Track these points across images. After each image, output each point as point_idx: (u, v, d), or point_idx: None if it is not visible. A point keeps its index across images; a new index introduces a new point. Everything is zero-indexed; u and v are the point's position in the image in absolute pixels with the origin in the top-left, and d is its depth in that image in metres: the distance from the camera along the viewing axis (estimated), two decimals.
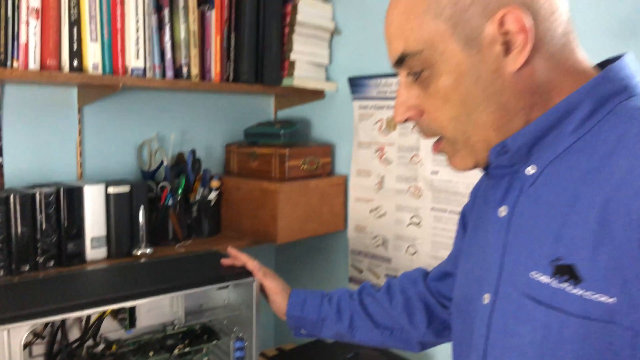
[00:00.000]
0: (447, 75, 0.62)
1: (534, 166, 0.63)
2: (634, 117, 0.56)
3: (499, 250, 0.65)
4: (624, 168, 0.53)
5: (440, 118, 0.65)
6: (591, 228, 0.54)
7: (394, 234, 1.62)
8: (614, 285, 0.51)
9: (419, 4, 0.62)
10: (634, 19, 1.16)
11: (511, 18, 0.58)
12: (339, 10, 1.74)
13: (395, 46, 0.65)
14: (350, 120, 1.72)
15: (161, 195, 1.51)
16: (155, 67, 1.39)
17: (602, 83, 0.59)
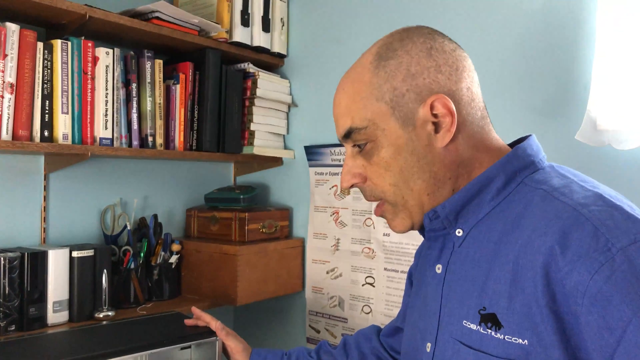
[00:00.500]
0: (387, 148, 0.73)
1: (460, 230, 0.74)
2: (537, 187, 0.69)
3: (437, 303, 0.75)
4: (529, 230, 0.65)
5: (382, 184, 0.75)
6: (507, 281, 0.64)
7: (349, 294, 1.70)
8: (526, 328, 0.61)
9: (363, 88, 0.74)
10: (555, 100, 1.33)
11: (439, 103, 0.71)
12: (295, 85, 1.88)
13: (343, 123, 0.76)
14: (306, 185, 1.83)
15: (124, 259, 1.55)
16: (122, 137, 1.47)
17: (513, 159, 0.72)
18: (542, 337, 0.60)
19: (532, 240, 0.63)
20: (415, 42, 0.74)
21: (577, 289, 0.57)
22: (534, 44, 1.36)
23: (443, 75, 0.72)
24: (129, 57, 1.49)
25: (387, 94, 0.72)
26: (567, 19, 1.31)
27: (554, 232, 0.61)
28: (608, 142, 1.20)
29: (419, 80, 0.72)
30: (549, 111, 1.34)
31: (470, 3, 1.47)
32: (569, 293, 0.58)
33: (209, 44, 1.65)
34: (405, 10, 1.61)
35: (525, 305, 0.62)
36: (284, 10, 1.87)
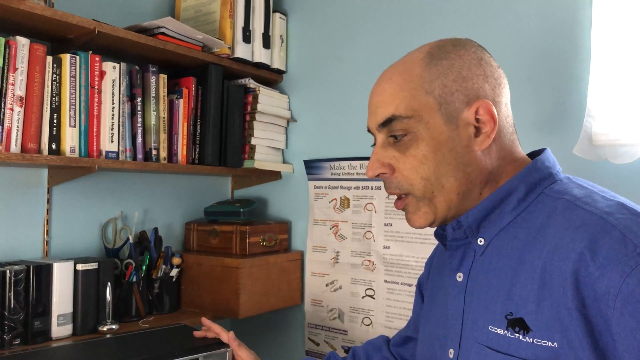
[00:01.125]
0: (428, 141, 0.74)
1: (481, 239, 0.76)
2: (559, 197, 0.72)
3: (459, 310, 0.77)
4: (556, 237, 0.67)
5: (413, 177, 0.75)
6: (535, 287, 0.67)
7: (349, 307, 1.71)
8: (555, 331, 0.64)
9: (414, 79, 0.75)
10: (553, 115, 1.38)
11: (484, 109, 0.74)
12: (294, 101, 1.92)
13: (384, 110, 0.76)
14: (306, 199, 1.86)
15: (126, 272, 1.55)
16: (127, 150, 1.48)
17: (532, 171, 0.76)
18: (572, 339, 0.62)
19: (560, 247, 0.66)
20: (467, 50, 0.77)
21: (609, 292, 0.60)
22: (531, 62, 1.41)
23: (489, 86, 0.76)
24: (134, 72, 1.51)
25: (437, 90, 0.74)
26: (563, 37, 1.37)
27: (582, 238, 0.64)
28: (605, 156, 1.25)
29: (469, 84, 0.74)
30: (547, 127, 1.39)
31: (469, 21, 1.52)
32: (600, 297, 0.61)
33: (211, 59, 1.67)
34: (403, 28, 1.66)
35: (554, 309, 0.64)
36: (283, 27, 1.91)
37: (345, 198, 1.75)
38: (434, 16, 1.60)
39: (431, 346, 0.84)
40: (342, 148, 1.78)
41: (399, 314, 1.60)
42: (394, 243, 1.62)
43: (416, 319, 1.03)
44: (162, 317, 1.60)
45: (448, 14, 1.57)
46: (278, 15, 1.88)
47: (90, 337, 1.37)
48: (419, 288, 1.03)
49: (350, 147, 1.76)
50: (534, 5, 1.42)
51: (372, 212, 1.68)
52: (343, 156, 1.77)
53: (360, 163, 1.72)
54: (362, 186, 1.72)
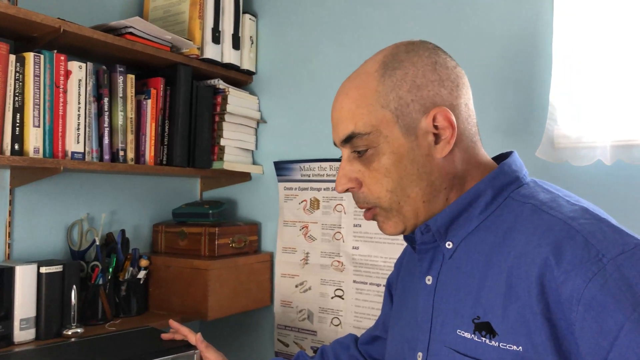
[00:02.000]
0: (389, 155, 0.75)
1: (450, 242, 0.77)
2: (525, 202, 0.73)
3: (428, 313, 0.77)
4: (522, 242, 0.68)
5: (379, 190, 0.76)
6: (501, 291, 0.67)
7: (318, 307, 1.72)
8: (521, 335, 0.64)
9: (369, 95, 0.75)
10: (516, 119, 1.42)
11: (441, 116, 0.74)
12: (264, 102, 1.92)
13: (344, 127, 0.77)
14: (275, 200, 1.86)
15: (92, 275, 1.53)
16: (93, 151, 1.46)
17: (499, 175, 0.76)
18: (536, 343, 0.63)
19: (526, 252, 0.67)
20: (420, 56, 0.76)
21: (573, 297, 0.61)
22: (495, 67, 1.45)
23: (445, 90, 0.75)
24: (101, 72, 1.49)
25: (393, 103, 0.74)
26: (525, 42, 1.40)
27: (547, 243, 0.65)
28: (566, 158, 1.29)
29: (424, 92, 0.74)
30: (511, 130, 1.42)
31: (436, 28, 1.55)
32: (564, 301, 0.62)
33: (180, 60, 1.66)
34: (372, 31, 1.68)
35: (519, 313, 0.65)
36: (253, 29, 1.91)
37: (315, 199, 1.76)
38: (401, 20, 1.62)
39: (400, 348, 0.85)
40: (312, 149, 1.79)
41: (368, 314, 1.61)
42: (363, 244, 1.64)
43: (385, 318, 1.04)
44: (130, 320, 1.58)
45: (415, 18, 1.59)
46: (248, 17, 1.88)
47: (54, 341, 1.34)
48: (388, 288, 1.03)
49: (320, 149, 1.77)
50: (497, 11, 1.45)
51: (342, 213, 1.70)
52: (313, 157, 1.78)
53: (330, 164, 1.73)
54: (331, 187, 1.73)
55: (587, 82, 1.27)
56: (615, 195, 1.27)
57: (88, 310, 1.51)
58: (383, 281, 1.59)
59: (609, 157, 1.22)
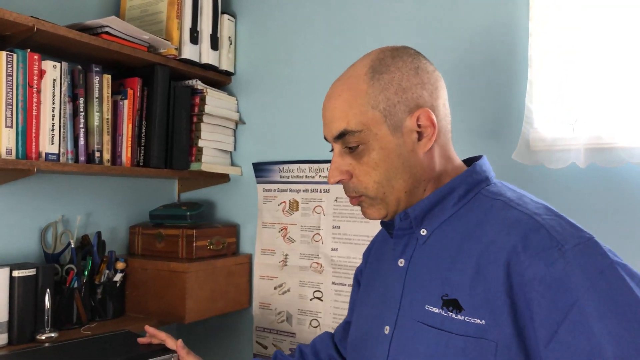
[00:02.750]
0: (378, 151, 0.83)
1: (424, 230, 0.85)
2: (495, 198, 0.83)
3: (398, 292, 0.85)
4: (493, 231, 0.77)
5: (367, 181, 0.84)
6: (470, 272, 0.76)
7: (297, 309, 1.72)
8: (484, 311, 0.73)
9: (361, 96, 0.83)
10: (493, 122, 1.44)
11: (424, 116, 0.83)
12: (243, 103, 1.91)
13: (337, 125, 0.84)
14: (254, 201, 1.85)
15: (67, 278, 1.50)
16: (68, 152, 1.44)
17: (473, 173, 0.86)
18: (497, 317, 0.72)
19: (496, 240, 0.76)
20: (405, 61, 0.85)
21: (535, 278, 0.70)
22: (473, 70, 1.47)
23: (427, 92, 0.84)
24: (77, 72, 1.47)
25: (382, 104, 0.83)
26: (502, 46, 1.42)
27: (516, 233, 0.74)
28: (541, 161, 1.31)
29: (408, 94, 0.83)
30: (488, 133, 1.44)
31: (415, 31, 1.56)
32: (527, 281, 0.70)
33: (157, 60, 1.64)
34: (350, 33, 1.68)
35: (485, 292, 0.74)
36: (231, 29, 1.90)
37: (294, 201, 1.76)
38: (379, 22, 1.63)
39: (366, 325, 0.91)
40: (292, 151, 1.79)
41: None
42: (342, 245, 1.64)
43: (353, 304, 1.08)
44: (105, 324, 1.56)
45: (393, 21, 1.60)
46: (226, 17, 1.87)
47: (27, 346, 1.32)
48: (356, 278, 1.10)
49: (299, 150, 1.77)
50: (475, 15, 1.47)
51: (321, 214, 1.70)
52: (292, 159, 1.77)
53: (309, 166, 1.73)
54: (311, 189, 1.73)
55: (562, 86, 1.29)
56: (588, 197, 1.30)
57: (63, 314, 1.48)
58: None
59: (583, 160, 1.24)
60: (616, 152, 1.22)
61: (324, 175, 1.70)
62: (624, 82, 1.22)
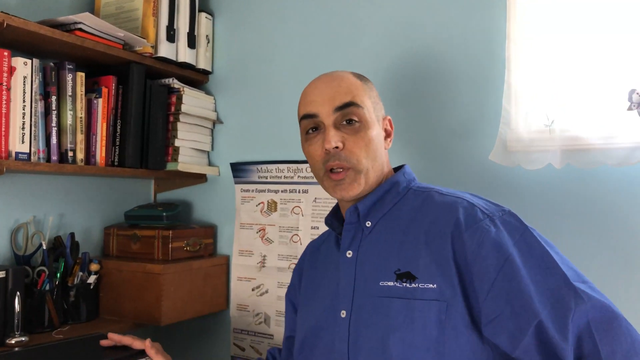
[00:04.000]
0: (370, 130, 0.99)
1: (369, 222, 0.99)
2: (426, 191, 1.01)
3: (350, 279, 0.96)
4: (435, 212, 0.94)
5: (360, 155, 0.97)
6: (420, 248, 0.91)
7: (275, 310, 1.70)
8: (436, 276, 0.87)
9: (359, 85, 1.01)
10: (470, 123, 1.44)
11: (389, 122, 1.08)
12: (220, 102, 1.89)
13: (343, 97, 0.98)
14: (232, 202, 1.83)
15: (38, 280, 1.46)
16: (40, 151, 1.40)
17: (405, 174, 1.05)
18: (446, 280, 0.86)
19: (439, 217, 0.92)
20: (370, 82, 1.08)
21: (473, 244, 0.87)
22: (452, 71, 1.47)
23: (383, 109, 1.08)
24: (49, 69, 1.43)
25: (372, 99, 1.02)
26: (480, 48, 1.43)
27: (455, 211, 0.91)
28: (518, 162, 1.32)
29: (379, 105, 1.06)
30: (465, 133, 1.44)
31: (391, 30, 1.56)
32: (468, 247, 0.87)
33: (133, 58, 1.61)
34: (329, 32, 1.67)
35: (434, 260, 0.88)
36: (209, 28, 1.87)
37: (273, 201, 1.74)
38: (358, 23, 1.62)
39: (317, 319, 1.00)
40: (270, 151, 1.77)
41: None
42: None
43: (291, 322, 1.17)
44: (78, 327, 1.52)
45: (372, 21, 1.60)
46: (204, 15, 1.85)
47: None
48: (289, 298, 1.19)
49: (278, 150, 1.75)
50: (453, 17, 1.47)
51: (300, 215, 1.69)
52: (271, 159, 1.76)
53: (287, 166, 1.71)
54: (289, 189, 1.71)
55: (539, 88, 1.30)
56: (564, 198, 1.31)
57: (34, 318, 1.44)
58: None
59: (559, 161, 1.25)
60: (592, 153, 1.23)
61: (302, 175, 1.69)
62: (601, 84, 1.23)
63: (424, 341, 0.84)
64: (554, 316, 0.79)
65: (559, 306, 0.80)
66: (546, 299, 0.81)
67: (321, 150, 0.98)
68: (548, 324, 0.79)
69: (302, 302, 1.10)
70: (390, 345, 0.86)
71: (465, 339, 0.84)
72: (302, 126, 1.02)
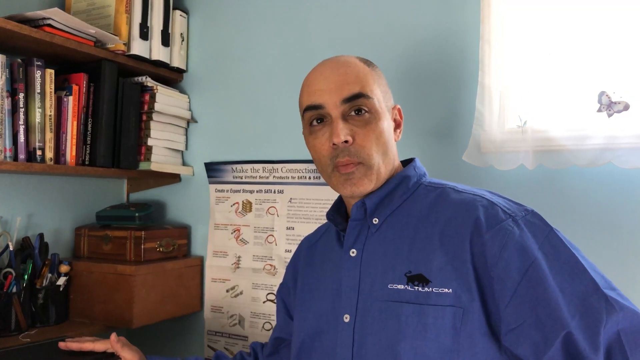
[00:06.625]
0: (381, 123, 0.90)
1: (376, 219, 0.91)
2: (438, 187, 0.93)
3: (355, 280, 0.88)
4: (450, 210, 0.86)
5: (371, 149, 0.89)
6: (433, 249, 0.83)
7: (250, 312, 1.69)
8: (451, 280, 0.80)
9: (367, 72, 0.92)
10: (444, 123, 1.45)
11: (399, 112, 0.99)
12: (195, 101, 1.86)
13: (352, 87, 0.89)
14: (206, 202, 1.81)
15: (4, 282, 1.42)
16: (7, 150, 1.36)
17: (415, 168, 0.97)
18: (463, 285, 0.79)
19: (456, 217, 0.84)
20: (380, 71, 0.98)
21: (494, 246, 0.79)
22: (424, 73, 1.47)
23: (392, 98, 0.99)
24: (16, 65, 1.39)
25: (380, 87, 0.93)
26: (454, 51, 1.44)
27: (475, 210, 0.83)
28: (491, 163, 1.33)
29: (389, 93, 0.97)
30: (438, 134, 1.45)
31: (365, 29, 1.56)
32: (489, 251, 0.79)
33: (105, 55, 1.58)
34: (304, 30, 1.67)
35: (450, 263, 0.81)
36: (184, 26, 1.85)
37: (248, 202, 1.73)
38: (333, 22, 1.62)
39: (317, 322, 0.93)
40: (245, 151, 1.76)
41: None
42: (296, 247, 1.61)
43: (282, 323, 1.12)
44: (47, 330, 1.49)
45: (346, 21, 1.59)
46: (178, 13, 1.82)
47: None
48: (280, 296, 1.13)
49: (253, 150, 1.74)
50: (426, 18, 1.48)
51: (275, 215, 1.67)
52: (246, 159, 1.74)
53: (263, 166, 1.70)
54: (264, 190, 1.70)
55: (512, 89, 1.32)
56: (536, 197, 1.32)
57: (0, 321, 1.41)
58: None
59: (531, 161, 1.27)
60: (563, 154, 1.25)
61: (278, 175, 1.68)
62: (572, 85, 1.25)
63: (437, 350, 0.78)
64: (584, 326, 0.73)
65: (589, 315, 0.73)
66: (575, 307, 0.74)
67: (328, 144, 0.89)
68: (578, 334, 0.72)
69: (298, 303, 1.02)
70: (401, 353, 0.80)
71: (481, 347, 0.78)
72: (305, 117, 0.92)
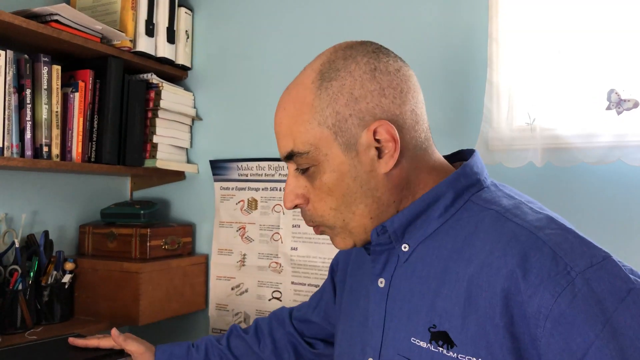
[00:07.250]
0: (330, 173, 0.71)
1: (406, 245, 0.73)
2: (487, 207, 0.70)
3: (380, 317, 0.74)
4: (485, 250, 0.65)
5: (323, 208, 0.73)
6: (460, 300, 0.65)
7: (255, 310, 1.69)
8: (480, 347, 0.62)
9: (306, 110, 0.71)
10: (454, 122, 1.45)
11: (382, 129, 0.69)
12: (200, 99, 1.86)
13: (285, 143, 0.74)
14: (211, 200, 1.80)
15: (10, 280, 1.42)
16: (13, 146, 1.36)
17: (461, 177, 0.73)
18: (496, 355, 0.61)
19: (490, 262, 0.64)
20: (358, 63, 0.72)
21: (540, 312, 0.59)
22: (432, 71, 1.47)
23: (387, 99, 0.71)
24: (23, 61, 1.39)
25: (330, 119, 0.70)
26: (462, 48, 1.44)
27: (513, 254, 0.62)
28: (499, 160, 1.33)
29: (362, 105, 0.70)
30: (447, 131, 1.45)
31: (375, 26, 1.56)
32: (531, 316, 0.59)
33: (111, 52, 1.58)
34: (310, 28, 1.66)
35: (479, 325, 0.63)
36: (189, 23, 1.85)
37: (253, 199, 1.73)
38: (339, 19, 1.62)
39: (351, 347, 0.82)
40: (250, 148, 1.75)
41: None
42: (302, 244, 1.61)
43: (325, 305, 1.03)
44: (52, 327, 1.48)
45: (352, 17, 1.59)
46: (184, 10, 1.82)
47: None
48: (331, 275, 1.02)
49: (258, 148, 1.73)
50: (436, 15, 1.47)
51: (280, 213, 1.67)
52: (251, 156, 1.74)
53: (268, 164, 1.70)
54: (270, 187, 1.70)
55: (521, 87, 1.31)
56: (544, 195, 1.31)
57: (6, 318, 1.40)
58: (321, 282, 1.57)
59: (539, 159, 1.27)
60: (571, 152, 1.25)
61: (283, 173, 1.67)
62: (581, 83, 1.25)
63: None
64: None
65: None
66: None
67: None
68: None
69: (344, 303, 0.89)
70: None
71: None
72: None
